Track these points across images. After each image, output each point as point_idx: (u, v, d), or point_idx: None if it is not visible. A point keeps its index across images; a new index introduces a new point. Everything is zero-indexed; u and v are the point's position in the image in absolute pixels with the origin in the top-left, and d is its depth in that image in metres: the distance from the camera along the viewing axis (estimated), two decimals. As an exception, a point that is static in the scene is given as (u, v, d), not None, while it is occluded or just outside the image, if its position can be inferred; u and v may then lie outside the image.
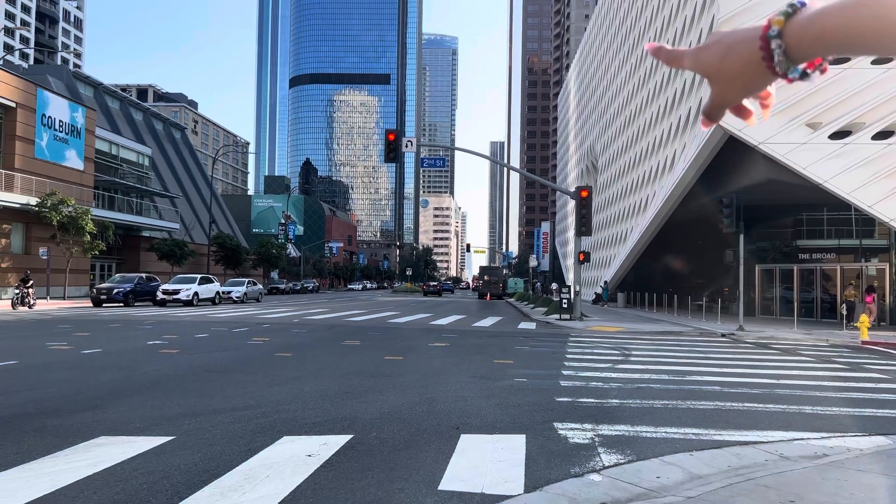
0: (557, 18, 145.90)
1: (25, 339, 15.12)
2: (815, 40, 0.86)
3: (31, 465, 5.03)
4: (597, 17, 66.30)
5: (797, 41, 0.87)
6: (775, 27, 0.89)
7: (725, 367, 12.13)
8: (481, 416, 7.26)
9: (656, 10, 40.13)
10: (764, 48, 0.90)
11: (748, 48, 0.93)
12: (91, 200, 43.89)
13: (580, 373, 10.83)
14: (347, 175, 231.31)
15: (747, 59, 0.93)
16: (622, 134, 49.04)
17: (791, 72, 0.90)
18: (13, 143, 37.01)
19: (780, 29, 0.89)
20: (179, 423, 6.53)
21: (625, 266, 43.49)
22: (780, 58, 0.89)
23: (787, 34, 0.88)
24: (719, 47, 0.97)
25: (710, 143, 27.42)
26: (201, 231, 68.64)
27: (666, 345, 16.69)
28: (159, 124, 74.14)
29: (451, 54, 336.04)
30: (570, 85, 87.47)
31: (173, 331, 17.84)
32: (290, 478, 4.82)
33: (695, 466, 5.32)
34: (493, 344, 15.93)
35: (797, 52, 0.88)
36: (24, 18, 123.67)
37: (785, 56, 0.89)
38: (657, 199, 35.51)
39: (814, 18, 0.86)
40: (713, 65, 0.99)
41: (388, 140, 25.65)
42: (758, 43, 0.91)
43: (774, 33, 0.89)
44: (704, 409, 7.90)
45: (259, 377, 9.78)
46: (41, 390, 8.34)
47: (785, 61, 0.89)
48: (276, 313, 27.41)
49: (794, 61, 0.89)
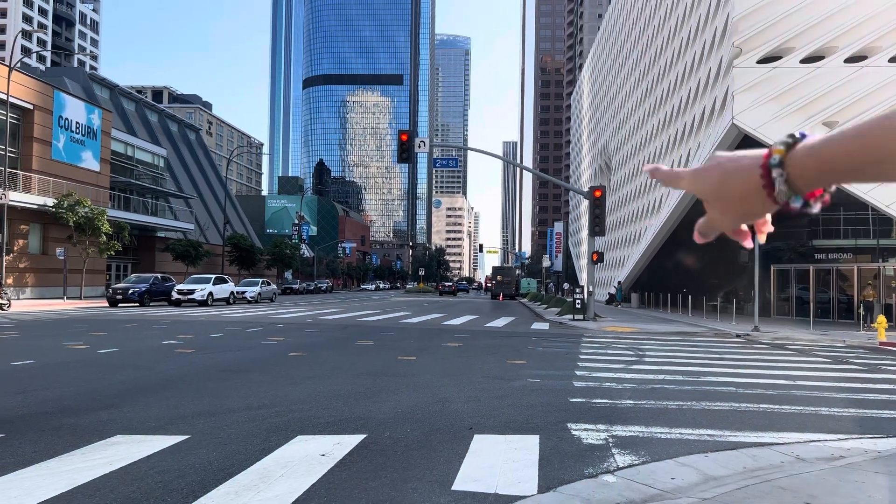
0: (570, 18, 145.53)
1: (43, 338, 15.28)
2: (817, 169, 0.86)
3: (49, 463, 5.08)
4: (610, 17, 66.05)
5: (800, 170, 0.87)
6: (776, 156, 0.89)
7: (740, 368, 12.05)
8: (495, 416, 7.25)
9: (670, 8, 39.92)
10: (765, 176, 0.90)
11: (748, 175, 0.92)
12: (107, 201, 44.29)
13: (594, 373, 10.79)
14: (360, 175, 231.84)
15: (747, 185, 0.92)
16: (636, 133, 48.82)
17: (793, 201, 0.90)
18: (31, 144, 37.41)
19: (781, 158, 0.89)
20: (194, 422, 6.58)
21: (638, 266, 43.30)
22: (782, 187, 0.89)
23: (789, 164, 0.88)
24: (718, 171, 0.96)
25: (724, 143, 27.25)
26: (216, 231, 69.05)
27: (680, 345, 16.59)
28: (174, 125, 74.67)
29: (463, 54, 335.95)
30: (584, 84, 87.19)
31: (188, 330, 17.97)
32: (304, 477, 4.84)
33: (710, 468, 5.29)
34: (506, 344, 15.91)
35: (799, 181, 0.88)
36: (41, 21, 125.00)
37: (787, 185, 0.88)
38: (671, 199, 35.33)
39: (816, 148, 0.86)
40: (712, 189, 0.98)
41: (400, 140, 25.68)
42: (758, 171, 0.91)
43: (776, 162, 0.89)
44: (719, 410, 7.85)
45: (273, 377, 9.83)
46: (58, 389, 8.43)
47: (786, 190, 0.89)
48: (289, 313, 27.52)
49: (796, 191, 0.89)
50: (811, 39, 25.79)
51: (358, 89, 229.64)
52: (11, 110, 35.06)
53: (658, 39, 43.01)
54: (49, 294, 37.95)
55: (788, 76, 25.59)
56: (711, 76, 29.90)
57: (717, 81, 28.90)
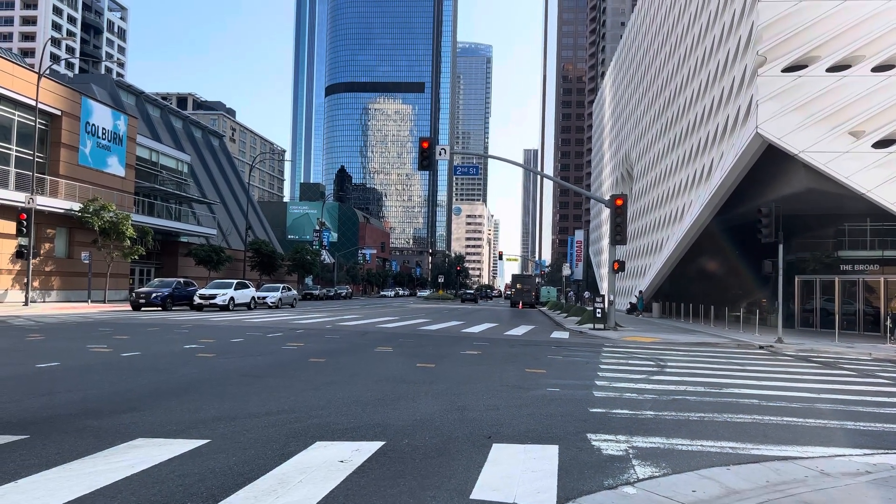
0: (593, 26, 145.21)
1: (68, 341, 15.50)
2: None
3: (72, 465, 5.14)
4: (633, 25, 65.83)
5: None
6: None
7: (763, 380, 11.89)
8: (513, 425, 7.22)
9: (694, 17, 39.70)
10: None
11: None
12: (131, 206, 44.88)
13: (614, 383, 10.70)
14: (381, 182, 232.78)
15: None
16: (658, 142, 48.52)
17: None
18: (58, 150, 38.07)
19: None
20: (215, 427, 6.62)
21: (660, 276, 42.95)
22: None
23: None
24: None
25: (748, 152, 26.99)
26: (238, 237, 69.66)
27: (702, 356, 16.41)
28: (198, 132, 75.57)
29: (485, 62, 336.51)
30: (606, 92, 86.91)
31: (210, 335, 18.11)
32: (323, 483, 4.85)
33: (732, 481, 5.22)
34: (525, 353, 15.84)
35: None
36: (70, 29, 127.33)
37: None
38: (694, 208, 35.02)
39: None
40: None
41: (421, 148, 25.76)
42: None
43: None
44: (742, 423, 7.75)
45: (293, 382, 9.87)
46: (82, 392, 8.53)
47: None
48: (309, 319, 27.65)
49: None
50: (838, 48, 25.49)
51: (379, 97, 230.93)
52: (40, 116, 35.70)
53: (681, 48, 42.77)
54: (74, 297, 38.50)
55: (814, 85, 25.31)
56: (735, 85, 29.66)
57: (742, 90, 28.65)
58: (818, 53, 25.64)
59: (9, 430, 6.17)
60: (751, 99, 26.63)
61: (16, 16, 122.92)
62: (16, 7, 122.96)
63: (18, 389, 8.55)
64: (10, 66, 34.93)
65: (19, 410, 7.19)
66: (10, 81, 34.40)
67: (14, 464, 5.11)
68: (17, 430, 6.22)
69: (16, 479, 4.74)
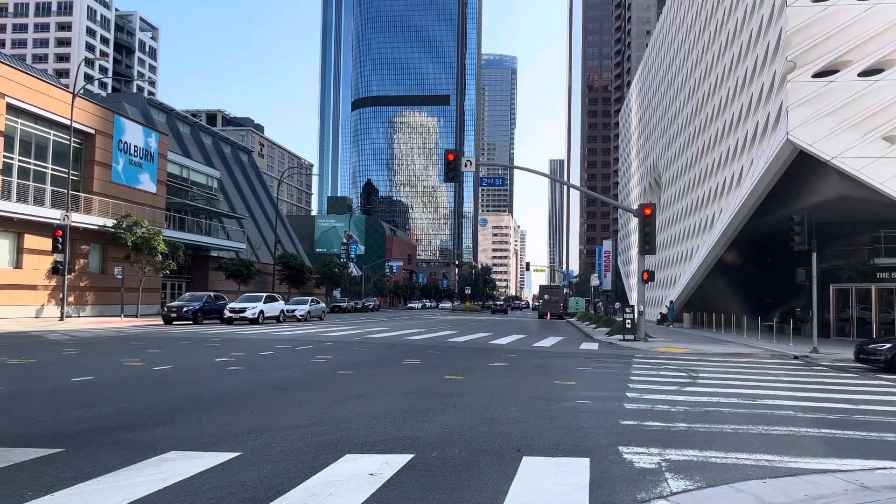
0: (618, 35, 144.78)
1: (101, 355, 15.76)
2: None
3: (106, 477, 5.21)
4: (658, 33, 65.48)
5: None
6: None
7: (799, 391, 11.64)
8: (543, 438, 7.15)
9: (720, 23, 39.37)
10: None
11: None
12: (163, 222, 45.64)
13: (645, 395, 10.57)
14: (407, 195, 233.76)
15: None
16: (687, 150, 48.07)
17: None
18: (92, 167, 38.90)
19: None
20: (246, 440, 6.67)
21: (691, 285, 42.40)
22: None
23: None
24: None
25: (779, 159, 26.59)
26: (267, 251, 70.39)
27: (735, 367, 16.13)
28: (227, 148, 76.71)
29: (510, 74, 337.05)
30: (632, 101, 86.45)
31: (240, 348, 18.29)
32: (353, 496, 4.85)
33: (768, 494, 5.10)
34: (554, 364, 15.72)
35: None
36: (103, 49, 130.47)
37: None
38: (724, 217, 34.57)
39: None
40: None
41: (447, 160, 25.83)
42: None
43: None
44: (777, 435, 7.59)
45: (322, 395, 9.91)
46: (115, 405, 8.66)
47: None
48: (338, 331, 27.79)
49: None
50: (869, 52, 25.04)
51: (405, 110, 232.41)
52: (74, 135, 36.55)
53: (708, 55, 42.41)
54: (108, 312, 39.18)
55: (846, 90, 24.88)
56: (764, 91, 29.29)
57: (771, 97, 28.29)
58: (849, 58, 25.22)
59: (45, 444, 6.28)
60: (780, 105, 26.26)
61: (51, 37, 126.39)
62: (51, 29, 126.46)
63: (54, 403, 8.71)
64: (45, 87, 35.86)
65: (55, 424, 7.32)
66: (46, 101, 35.30)
67: (50, 476, 5.20)
68: (53, 443, 6.33)
69: (52, 491, 4.82)
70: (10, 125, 33.52)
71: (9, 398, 9.04)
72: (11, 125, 33.73)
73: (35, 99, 34.65)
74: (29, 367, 12.78)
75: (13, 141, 34.05)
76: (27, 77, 34.90)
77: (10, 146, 33.81)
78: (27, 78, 34.79)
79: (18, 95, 33.52)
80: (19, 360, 14.14)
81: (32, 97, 34.48)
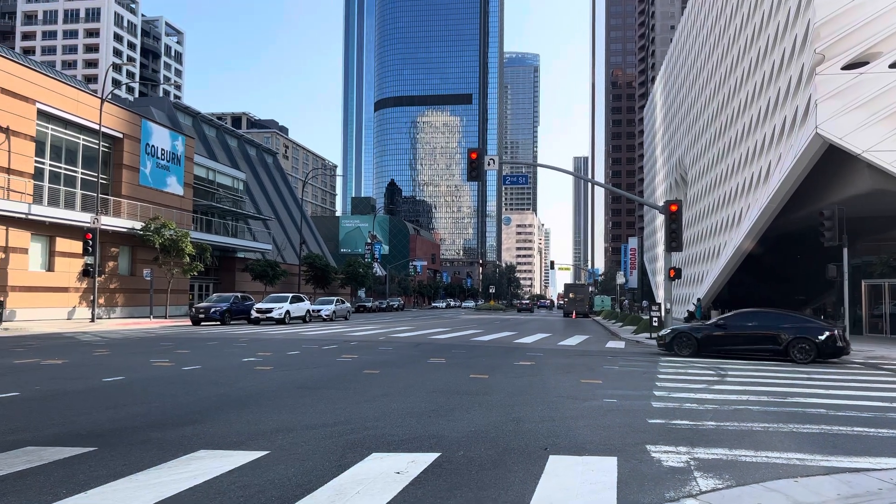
0: (642, 31, 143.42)
1: (131, 356, 16.00)
2: None
3: (138, 476, 5.29)
4: (683, 27, 64.77)
5: None
6: None
7: (831, 389, 11.44)
8: (570, 436, 7.12)
9: (746, 17, 38.81)
10: None
11: None
12: (190, 224, 46.22)
13: (673, 393, 10.46)
14: (430, 194, 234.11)
15: None
16: (713, 145, 47.48)
17: None
18: (120, 171, 39.52)
19: None
20: (273, 438, 6.73)
21: (718, 282, 41.89)
22: None
23: None
24: None
25: (808, 153, 26.15)
26: (292, 251, 70.97)
27: (765, 364, 15.90)
28: (252, 150, 77.44)
29: (532, 71, 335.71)
30: (657, 97, 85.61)
31: (267, 348, 18.46)
32: (380, 494, 4.87)
33: (800, 494, 5.02)
34: (580, 363, 15.63)
35: None
36: (129, 55, 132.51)
37: None
38: (751, 213, 34.10)
39: None
40: None
41: (470, 159, 25.78)
42: None
43: None
44: (809, 433, 7.47)
45: (348, 394, 9.96)
46: (146, 405, 8.79)
47: None
48: (363, 331, 27.91)
49: None
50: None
51: (427, 110, 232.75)
52: (103, 139, 37.15)
53: (734, 49, 41.84)
54: (137, 313, 39.79)
55: (876, 82, 24.37)
56: (792, 85, 28.82)
57: (799, 90, 27.83)
58: (879, 49, 24.71)
59: (78, 443, 6.40)
60: (809, 98, 25.82)
61: (79, 44, 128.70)
62: (79, 35, 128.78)
63: (87, 403, 8.86)
64: (74, 93, 36.51)
65: (88, 423, 7.45)
66: (76, 107, 35.95)
67: (84, 475, 5.29)
68: (86, 442, 6.44)
69: (85, 489, 4.91)
70: (41, 130, 34.19)
71: (43, 398, 9.23)
72: (42, 130, 34.40)
73: (65, 104, 35.31)
74: (62, 368, 13.03)
75: (44, 146, 34.74)
76: (57, 83, 35.57)
77: (42, 151, 34.50)
78: (57, 84, 35.46)
79: (49, 101, 34.18)
80: (53, 360, 14.42)
81: (62, 103, 35.14)
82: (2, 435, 6.74)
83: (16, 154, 31.96)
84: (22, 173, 32.43)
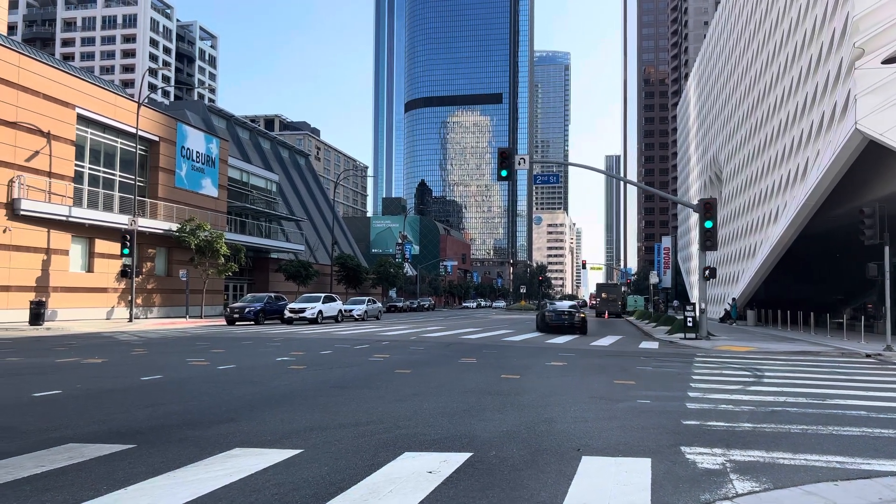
0: (674, 27, 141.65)
1: (168, 355, 16.30)
2: None
3: (175, 472, 5.39)
4: (717, 23, 63.78)
5: None
6: None
7: (872, 391, 11.17)
8: (603, 437, 7.06)
9: (782, 11, 38.07)
10: None
11: None
12: (224, 225, 46.91)
13: (708, 395, 10.31)
14: (461, 194, 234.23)
15: None
16: (748, 142, 46.66)
17: None
18: (157, 174, 40.29)
19: None
20: (307, 437, 6.80)
21: (754, 282, 41.16)
22: None
23: None
24: None
25: (847, 150, 25.55)
26: (324, 252, 71.61)
27: (802, 366, 15.59)
28: (285, 152, 78.32)
29: (563, 70, 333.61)
30: (690, 94, 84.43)
31: (300, 347, 18.64)
32: (412, 494, 4.89)
33: (841, 497, 4.92)
34: (613, 364, 15.50)
35: None
36: (165, 59, 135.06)
37: None
38: (789, 210, 33.44)
39: None
40: None
41: (500, 158, 25.75)
42: None
43: None
44: (849, 436, 7.30)
45: (381, 393, 10.02)
46: (183, 403, 8.95)
47: None
48: (394, 331, 28.03)
49: None
50: (944, 35, 23.81)
51: (458, 110, 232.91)
52: (140, 142, 37.92)
53: (770, 44, 41.07)
54: (173, 313, 40.52)
55: (918, 75, 23.70)
56: (830, 80, 28.19)
57: (837, 85, 27.21)
58: (922, 42, 24.03)
59: (118, 440, 6.54)
60: (848, 93, 25.23)
61: (117, 50, 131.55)
62: (117, 41, 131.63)
63: (126, 401, 9.06)
64: (112, 97, 37.33)
65: (127, 420, 7.61)
66: (114, 112, 36.75)
67: (123, 472, 5.41)
68: (125, 439, 6.59)
69: (125, 485, 5.02)
70: (80, 135, 35.01)
71: (83, 397, 9.45)
72: (82, 135, 35.23)
73: (103, 109, 36.11)
74: (101, 367, 13.32)
75: (84, 150, 35.56)
76: (96, 88, 36.38)
77: (81, 155, 35.32)
78: (96, 89, 36.27)
79: (88, 106, 34.99)
80: (93, 359, 14.76)
81: (101, 107, 35.94)
82: (45, 432, 6.92)
83: (56, 158, 32.78)
84: (63, 177, 33.25)
